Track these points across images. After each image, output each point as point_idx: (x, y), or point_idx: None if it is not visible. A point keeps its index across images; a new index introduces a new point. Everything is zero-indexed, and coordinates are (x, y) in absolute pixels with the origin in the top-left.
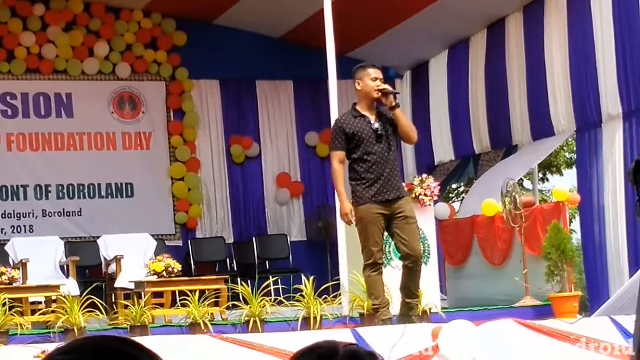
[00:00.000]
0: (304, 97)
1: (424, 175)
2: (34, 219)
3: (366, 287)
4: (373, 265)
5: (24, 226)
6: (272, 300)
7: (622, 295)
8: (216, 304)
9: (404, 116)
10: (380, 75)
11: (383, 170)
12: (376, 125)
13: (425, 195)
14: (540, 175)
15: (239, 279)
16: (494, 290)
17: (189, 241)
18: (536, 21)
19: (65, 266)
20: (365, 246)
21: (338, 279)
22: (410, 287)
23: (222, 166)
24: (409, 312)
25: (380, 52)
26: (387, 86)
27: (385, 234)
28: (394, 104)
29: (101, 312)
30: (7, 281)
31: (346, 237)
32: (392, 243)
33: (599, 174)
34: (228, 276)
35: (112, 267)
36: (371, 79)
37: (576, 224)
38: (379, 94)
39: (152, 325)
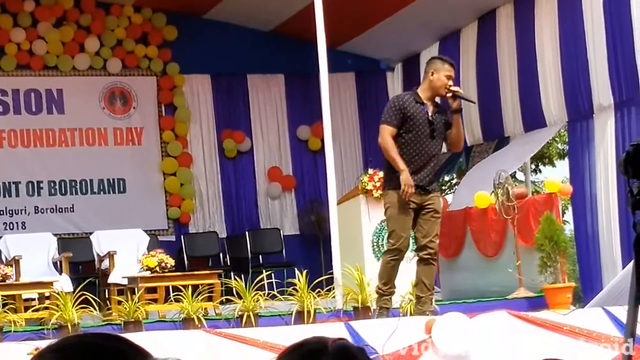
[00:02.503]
0: (295, 91)
1: None
2: (27, 215)
3: (380, 270)
4: (396, 252)
5: (17, 223)
6: (266, 294)
7: (616, 286)
8: (210, 299)
9: (460, 123)
10: (453, 75)
11: (428, 163)
12: (432, 116)
13: None
14: (533, 166)
15: (232, 274)
16: (487, 282)
17: (182, 236)
18: (527, 12)
19: (58, 262)
20: (394, 231)
21: (331, 273)
22: (425, 282)
23: (214, 161)
24: (423, 307)
25: (372, 44)
26: (460, 89)
27: None
28: (459, 108)
29: (95, 309)
30: (0, 278)
31: (339, 230)
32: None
33: (591, 165)
34: (221, 271)
35: (105, 263)
36: (446, 76)
37: (569, 215)
38: (449, 94)
39: (145, 321)
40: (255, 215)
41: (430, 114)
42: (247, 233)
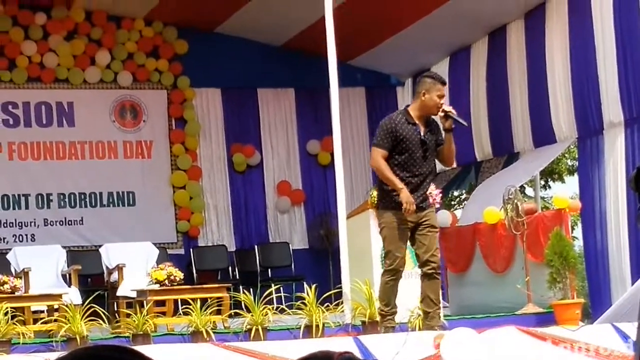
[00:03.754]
0: (305, 105)
1: None
2: (36, 228)
3: (380, 292)
4: (394, 272)
5: (26, 235)
6: (275, 308)
7: (625, 303)
8: (218, 312)
9: (452, 141)
10: (445, 94)
11: (422, 183)
12: (424, 136)
13: None
14: (542, 182)
15: (241, 287)
16: (496, 298)
17: (191, 249)
18: (537, 28)
19: (67, 275)
20: (390, 251)
21: (340, 287)
22: (431, 297)
23: (224, 174)
24: (431, 322)
25: (382, 59)
26: (452, 110)
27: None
28: (452, 127)
29: (103, 321)
30: (10, 290)
31: (348, 245)
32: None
33: (601, 181)
34: (230, 284)
35: (114, 276)
36: (438, 96)
37: (578, 231)
38: (442, 113)
39: (154, 334)
40: (265, 229)
41: (422, 134)
42: (256, 247)
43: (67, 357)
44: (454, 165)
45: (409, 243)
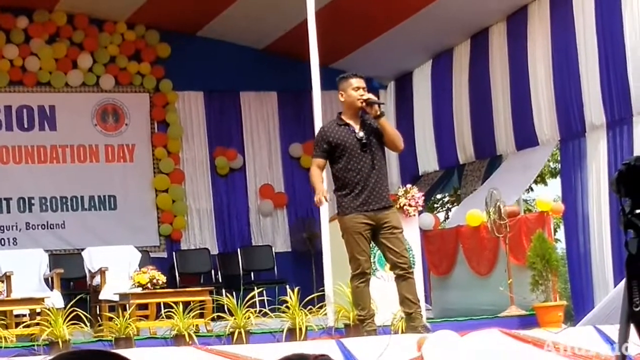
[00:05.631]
0: (288, 108)
1: (409, 186)
2: (18, 231)
3: (352, 298)
4: (361, 276)
5: (8, 239)
6: (257, 311)
7: (607, 305)
8: (201, 315)
9: (390, 124)
10: (364, 85)
11: (369, 180)
12: (361, 134)
13: (410, 205)
14: None
15: (223, 291)
16: (479, 300)
17: (174, 253)
18: (520, 31)
19: (49, 279)
20: (353, 256)
21: (323, 290)
22: (408, 298)
23: (206, 178)
24: (414, 323)
25: (364, 62)
26: (371, 96)
27: (372, 244)
28: (378, 113)
29: (86, 325)
30: None
31: (331, 248)
32: (377, 253)
33: (583, 184)
34: (213, 288)
35: (97, 280)
36: (354, 89)
37: (561, 234)
38: (363, 103)
39: (136, 338)
40: (247, 232)
41: (357, 132)
42: (238, 250)
43: None
44: (402, 148)
45: (373, 245)
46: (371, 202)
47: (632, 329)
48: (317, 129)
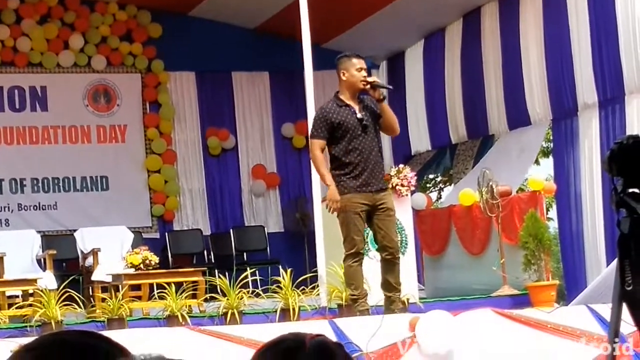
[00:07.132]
0: (280, 88)
1: (401, 166)
2: (10, 213)
3: (345, 278)
4: (355, 255)
5: (0, 220)
6: (250, 292)
7: (600, 284)
8: (194, 296)
9: (389, 108)
10: (365, 66)
11: (369, 161)
12: (360, 115)
13: (402, 185)
14: None
15: (216, 271)
16: (471, 280)
17: (166, 233)
18: (512, 10)
19: (42, 260)
20: (348, 235)
21: (316, 270)
22: (390, 281)
23: (199, 158)
24: (391, 306)
25: (356, 42)
26: (376, 78)
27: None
28: (382, 96)
29: (79, 306)
30: None
31: (324, 228)
32: (370, 234)
33: (576, 163)
34: (205, 268)
35: (89, 261)
36: (357, 70)
37: (553, 213)
38: (367, 85)
39: (129, 318)
40: (240, 212)
41: (357, 113)
42: (231, 230)
43: (33, 343)
44: (398, 132)
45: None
46: (370, 183)
47: (625, 308)
48: (309, 109)
